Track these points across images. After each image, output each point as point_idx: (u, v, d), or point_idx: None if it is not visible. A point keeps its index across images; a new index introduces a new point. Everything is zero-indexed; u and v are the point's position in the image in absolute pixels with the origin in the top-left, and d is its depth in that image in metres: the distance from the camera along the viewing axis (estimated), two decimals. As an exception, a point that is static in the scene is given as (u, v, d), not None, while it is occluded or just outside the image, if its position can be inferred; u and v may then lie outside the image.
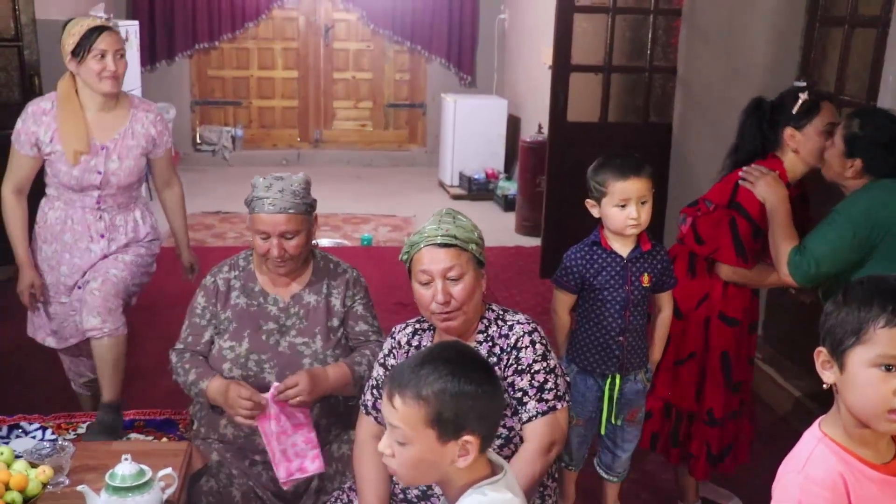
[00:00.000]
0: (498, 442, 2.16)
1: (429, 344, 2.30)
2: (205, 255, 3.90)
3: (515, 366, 2.18)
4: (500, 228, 6.76)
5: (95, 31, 2.95)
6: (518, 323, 2.24)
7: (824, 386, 1.51)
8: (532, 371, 2.18)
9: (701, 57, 4.80)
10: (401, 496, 2.26)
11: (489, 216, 7.33)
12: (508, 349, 2.21)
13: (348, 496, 2.38)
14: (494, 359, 2.21)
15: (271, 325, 2.73)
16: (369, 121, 9.57)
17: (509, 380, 2.18)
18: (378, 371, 2.37)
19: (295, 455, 2.60)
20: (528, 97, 7.93)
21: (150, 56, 8.37)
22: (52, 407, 3.59)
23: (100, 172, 3.07)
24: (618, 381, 2.74)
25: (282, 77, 9.33)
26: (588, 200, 2.68)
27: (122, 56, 3.01)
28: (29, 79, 5.28)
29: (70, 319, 3.24)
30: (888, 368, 1.40)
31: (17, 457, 2.22)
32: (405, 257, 2.25)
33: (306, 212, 2.68)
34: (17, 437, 2.60)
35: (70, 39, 2.97)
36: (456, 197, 7.92)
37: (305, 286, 2.77)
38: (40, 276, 3.17)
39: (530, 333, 2.22)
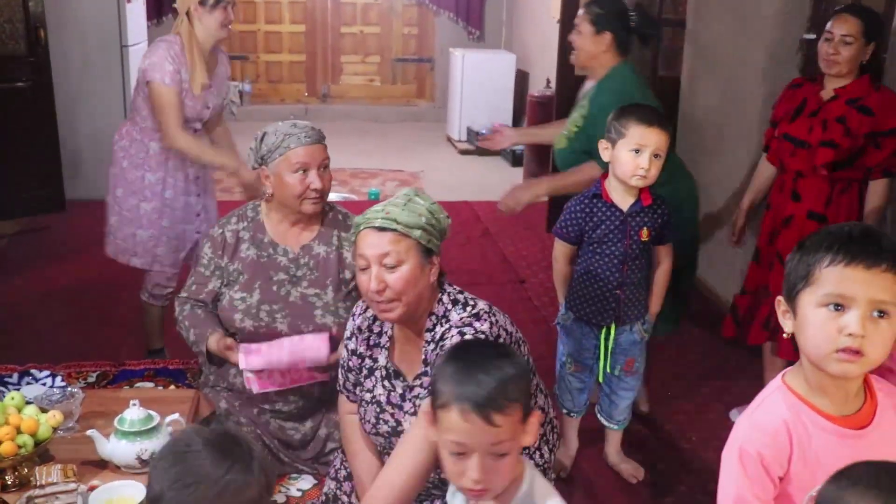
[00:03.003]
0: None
1: (389, 330, 2.18)
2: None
3: (438, 352, 2.02)
4: (507, 183, 6.67)
5: None
6: (454, 318, 2.06)
7: (784, 335, 1.52)
8: None
9: (710, 9, 4.74)
10: None
11: (496, 171, 7.32)
12: (437, 348, 2.06)
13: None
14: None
15: (282, 275, 2.74)
16: (377, 75, 9.51)
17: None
18: (343, 353, 2.27)
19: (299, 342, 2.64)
20: (536, 51, 7.86)
21: (156, 9, 8.29)
22: (62, 356, 3.64)
23: (208, 107, 3.43)
24: (612, 331, 2.76)
25: (289, 31, 9.26)
26: (602, 141, 2.67)
27: (235, 5, 3.40)
28: (34, 31, 5.26)
29: (173, 247, 3.49)
30: (836, 308, 1.40)
31: (28, 402, 2.25)
32: (353, 238, 2.10)
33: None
34: (28, 383, 2.62)
35: None
36: (463, 152, 7.90)
37: (315, 237, 2.78)
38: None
39: (460, 327, 2.02)
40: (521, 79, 8.13)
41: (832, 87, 3.05)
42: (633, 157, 2.59)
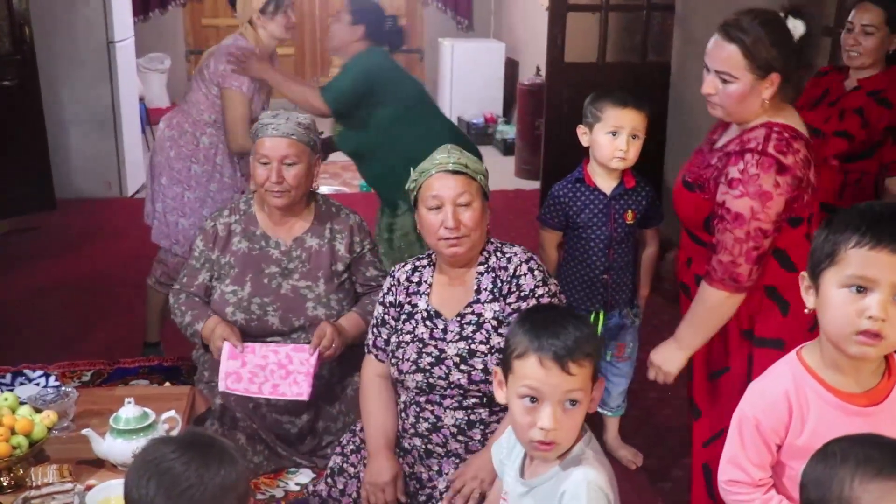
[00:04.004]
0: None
1: (429, 278, 2.33)
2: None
3: (518, 293, 2.23)
4: (499, 172, 6.72)
5: None
6: (515, 254, 2.28)
7: (806, 311, 1.52)
8: (536, 295, 2.22)
9: (699, -7, 4.73)
10: (411, 431, 2.28)
11: (488, 160, 7.18)
12: (508, 279, 2.25)
13: (361, 438, 2.40)
14: (497, 291, 2.25)
15: (273, 268, 2.73)
16: (366, 67, 9.47)
17: (514, 306, 2.22)
18: (378, 309, 2.39)
19: (281, 378, 2.64)
20: (525, 40, 7.83)
21: (142, 5, 8.24)
22: (55, 356, 3.62)
23: (264, 108, 3.56)
24: (601, 317, 2.76)
25: (276, 24, 9.20)
26: (580, 127, 2.67)
27: (294, 5, 3.54)
28: (19, 28, 5.21)
29: None
30: (859, 290, 1.40)
31: (22, 403, 2.23)
32: (413, 185, 2.28)
33: (309, 144, 2.68)
34: (21, 383, 2.61)
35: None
36: (455, 142, 7.87)
37: (307, 230, 2.77)
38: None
39: (527, 262, 2.27)
40: (511, 68, 8.10)
41: (857, 77, 3.00)
42: (610, 139, 2.59)
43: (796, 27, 2.11)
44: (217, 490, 1.32)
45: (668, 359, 2.25)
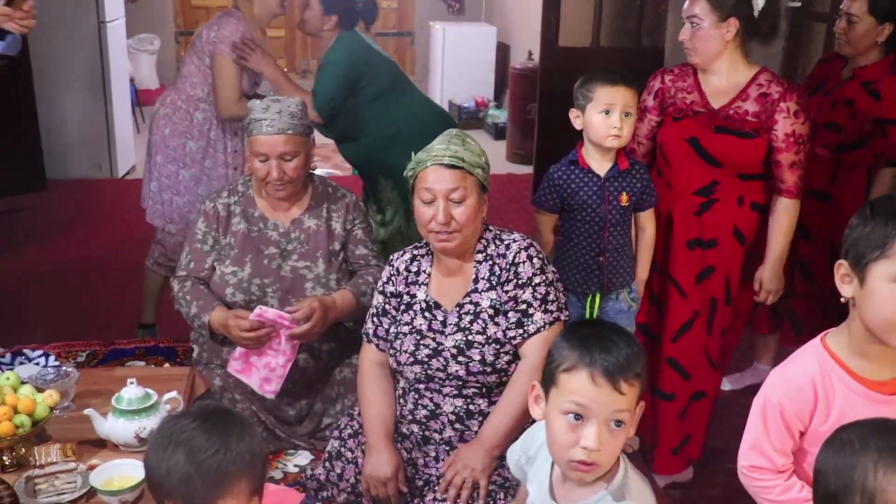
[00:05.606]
0: (506, 358, 2.20)
1: (428, 268, 2.31)
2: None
3: (515, 280, 2.22)
4: (490, 157, 6.65)
5: None
6: (514, 241, 2.27)
7: (842, 300, 1.51)
8: (533, 284, 2.21)
9: (694, -21, 4.73)
10: (409, 417, 2.28)
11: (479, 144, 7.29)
12: (507, 266, 2.24)
13: (359, 423, 2.39)
14: (495, 278, 2.24)
15: (272, 249, 2.74)
16: (356, 50, 9.41)
17: (511, 294, 2.21)
18: (377, 298, 2.38)
19: (263, 368, 2.65)
20: (517, 24, 7.82)
21: (131, -15, 8.17)
22: (49, 337, 3.61)
23: (258, 83, 3.58)
24: (597, 299, 2.78)
25: (267, 6, 9.13)
26: (572, 110, 2.68)
27: None
28: (8, 7, 5.14)
29: None
30: None
31: (23, 382, 2.24)
32: (410, 174, 2.26)
33: (304, 133, 2.68)
34: (21, 363, 2.61)
35: None
36: (446, 126, 7.86)
37: (305, 211, 2.77)
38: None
39: (526, 249, 2.25)
40: (503, 52, 8.09)
41: (853, 66, 3.01)
42: (603, 118, 2.59)
43: (756, 2, 2.54)
44: (244, 454, 1.33)
45: (777, 277, 2.69)
